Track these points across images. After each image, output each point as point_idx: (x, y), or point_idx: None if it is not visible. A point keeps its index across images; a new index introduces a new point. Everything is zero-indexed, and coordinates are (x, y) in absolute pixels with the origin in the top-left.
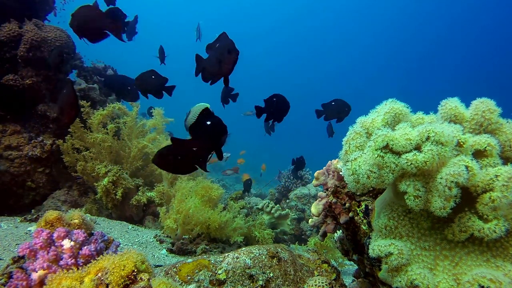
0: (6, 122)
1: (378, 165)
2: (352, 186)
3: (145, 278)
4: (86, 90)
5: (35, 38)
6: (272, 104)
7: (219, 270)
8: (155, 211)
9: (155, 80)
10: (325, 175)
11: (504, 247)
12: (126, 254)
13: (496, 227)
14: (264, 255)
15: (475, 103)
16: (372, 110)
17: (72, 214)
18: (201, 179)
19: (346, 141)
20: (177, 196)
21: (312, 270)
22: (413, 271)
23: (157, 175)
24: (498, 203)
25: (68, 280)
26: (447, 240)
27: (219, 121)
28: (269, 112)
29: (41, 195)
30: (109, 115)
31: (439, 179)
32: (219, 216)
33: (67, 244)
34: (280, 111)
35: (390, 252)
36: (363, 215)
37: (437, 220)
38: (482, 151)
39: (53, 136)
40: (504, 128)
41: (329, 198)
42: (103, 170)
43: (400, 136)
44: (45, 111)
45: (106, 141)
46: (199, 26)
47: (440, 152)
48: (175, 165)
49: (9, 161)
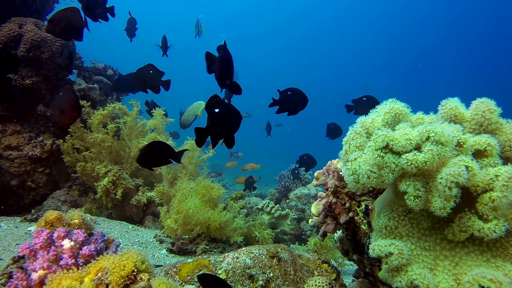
0: (6, 122)
1: (378, 165)
2: (352, 186)
3: (145, 278)
4: (86, 90)
5: (35, 38)
6: (287, 97)
7: (219, 270)
8: (155, 211)
9: (154, 75)
10: (325, 175)
11: (504, 247)
12: (126, 254)
13: (496, 227)
14: (264, 255)
15: (475, 103)
16: (372, 110)
17: (72, 214)
18: (201, 178)
19: (346, 141)
20: (178, 196)
21: (312, 270)
22: (414, 271)
23: (157, 175)
24: (498, 203)
25: (68, 280)
26: (447, 240)
27: (231, 108)
28: (283, 104)
29: (41, 195)
30: (109, 115)
31: (439, 179)
32: (219, 216)
33: (67, 244)
34: (295, 104)
35: (391, 252)
36: (363, 215)
37: (437, 220)
38: (482, 151)
39: (53, 136)
40: (504, 128)
41: (329, 198)
42: (103, 170)
43: (400, 136)
44: (45, 111)
45: (106, 141)
46: (198, 22)
47: (440, 152)
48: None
49: (9, 161)
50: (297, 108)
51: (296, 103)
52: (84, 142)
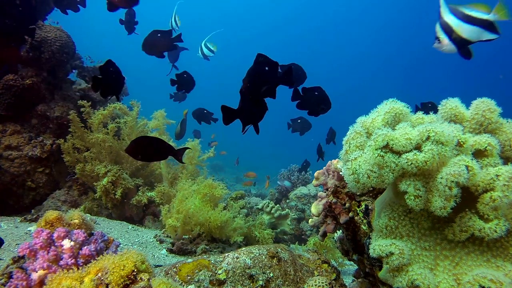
0: (6, 122)
1: (378, 165)
2: (352, 185)
3: (145, 278)
4: (86, 90)
5: (35, 38)
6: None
7: (219, 270)
8: (155, 211)
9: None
10: (325, 175)
11: (504, 247)
12: (126, 254)
13: (497, 226)
14: (264, 255)
15: (476, 102)
16: (372, 110)
17: (72, 214)
18: (201, 178)
19: (346, 141)
20: (178, 196)
21: (312, 270)
22: (414, 271)
23: (157, 175)
24: (499, 203)
25: (68, 280)
26: (447, 240)
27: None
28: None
29: (41, 195)
30: (109, 115)
31: (440, 179)
32: (219, 215)
33: (67, 244)
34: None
35: (391, 252)
36: (363, 215)
37: (438, 220)
38: (482, 151)
39: (53, 136)
40: (504, 127)
41: (329, 198)
42: (102, 170)
43: (400, 136)
44: (45, 111)
45: (106, 141)
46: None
47: (441, 151)
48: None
49: (9, 161)
50: (319, 110)
51: (319, 105)
52: (85, 142)
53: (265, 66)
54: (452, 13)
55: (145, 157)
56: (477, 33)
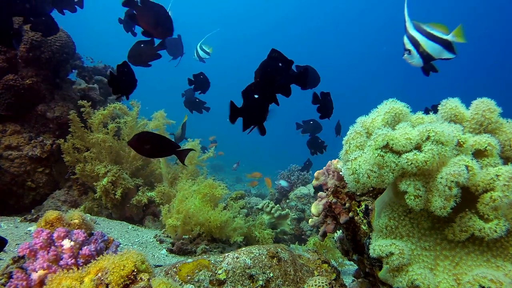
0: (6, 122)
1: (378, 165)
2: (352, 185)
3: (145, 278)
4: (86, 90)
5: (35, 38)
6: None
7: (219, 270)
8: (155, 211)
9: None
10: (325, 175)
11: (504, 247)
12: (126, 254)
13: (497, 226)
14: (264, 255)
15: (476, 102)
16: (372, 110)
17: (72, 214)
18: (201, 178)
19: (346, 141)
20: (178, 196)
21: (312, 270)
22: (414, 271)
23: (157, 175)
24: (499, 203)
25: (68, 280)
26: (447, 240)
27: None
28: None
29: (41, 195)
30: (109, 115)
31: (440, 178)
32: (219, 215)
33: (67, 244)
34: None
35: (391, 252)
36: (363, 215)
37: (438, 220)
38: (482, 151)
39: (53, 136)
40: (504, 127)
41: (329, 198)
42: (102, 170)
43: (400, 136)
44: (45, 111)
45: (106, 141)
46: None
47: (441, 151)
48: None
49: (9, 161)
50: (330, 114)
51: (333, 109)
52: (85, 142)
53: (279, 62)
54: (416, 29)
55: (148, 151)
56: (439, 51)
